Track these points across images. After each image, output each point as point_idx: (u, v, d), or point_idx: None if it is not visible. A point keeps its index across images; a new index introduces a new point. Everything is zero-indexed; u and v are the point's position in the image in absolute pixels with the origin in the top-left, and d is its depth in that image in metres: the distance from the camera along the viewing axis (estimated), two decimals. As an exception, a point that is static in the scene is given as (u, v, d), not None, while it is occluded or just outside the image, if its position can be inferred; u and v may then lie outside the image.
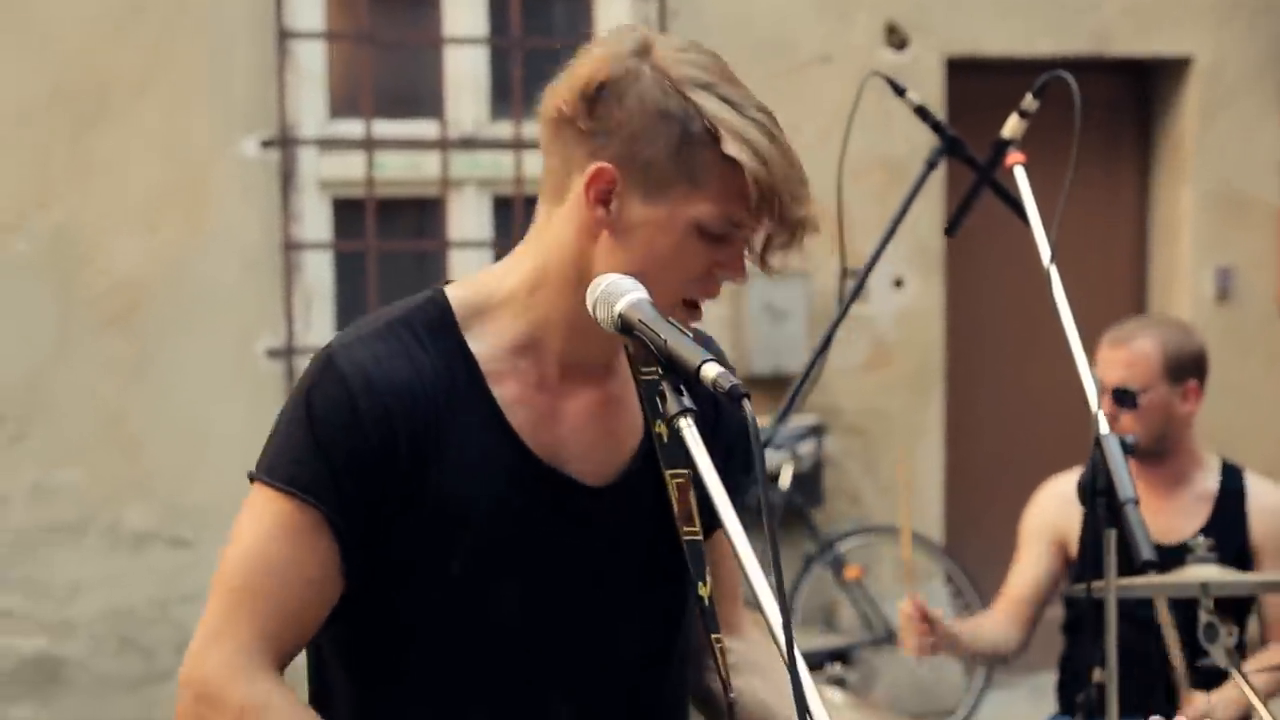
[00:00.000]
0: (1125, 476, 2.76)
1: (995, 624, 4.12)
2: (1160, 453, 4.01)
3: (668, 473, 2.00)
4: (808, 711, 1.59)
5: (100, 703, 6.31)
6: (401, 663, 1.95)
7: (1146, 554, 2.67)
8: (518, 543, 1.93)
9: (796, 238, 1.91)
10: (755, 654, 2.15)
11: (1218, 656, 2.98)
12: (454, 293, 2.00)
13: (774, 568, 1.70)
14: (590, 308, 1.87)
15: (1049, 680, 4.34)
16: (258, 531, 1.91)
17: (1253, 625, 4.05)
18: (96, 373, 6.30)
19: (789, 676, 1.66)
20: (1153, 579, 3.15)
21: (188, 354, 6.34)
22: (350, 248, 6.76)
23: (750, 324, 7.36)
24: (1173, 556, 3.35)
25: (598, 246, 1.91)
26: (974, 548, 7.55)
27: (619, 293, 1.85)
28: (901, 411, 7.66)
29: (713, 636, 1.97)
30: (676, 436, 1.82)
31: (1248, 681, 2.95)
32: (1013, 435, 7.83)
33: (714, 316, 7.35)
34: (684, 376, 1.77)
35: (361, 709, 1.99)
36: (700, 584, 1.96)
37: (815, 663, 3.91)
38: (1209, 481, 4.09)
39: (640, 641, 2.00)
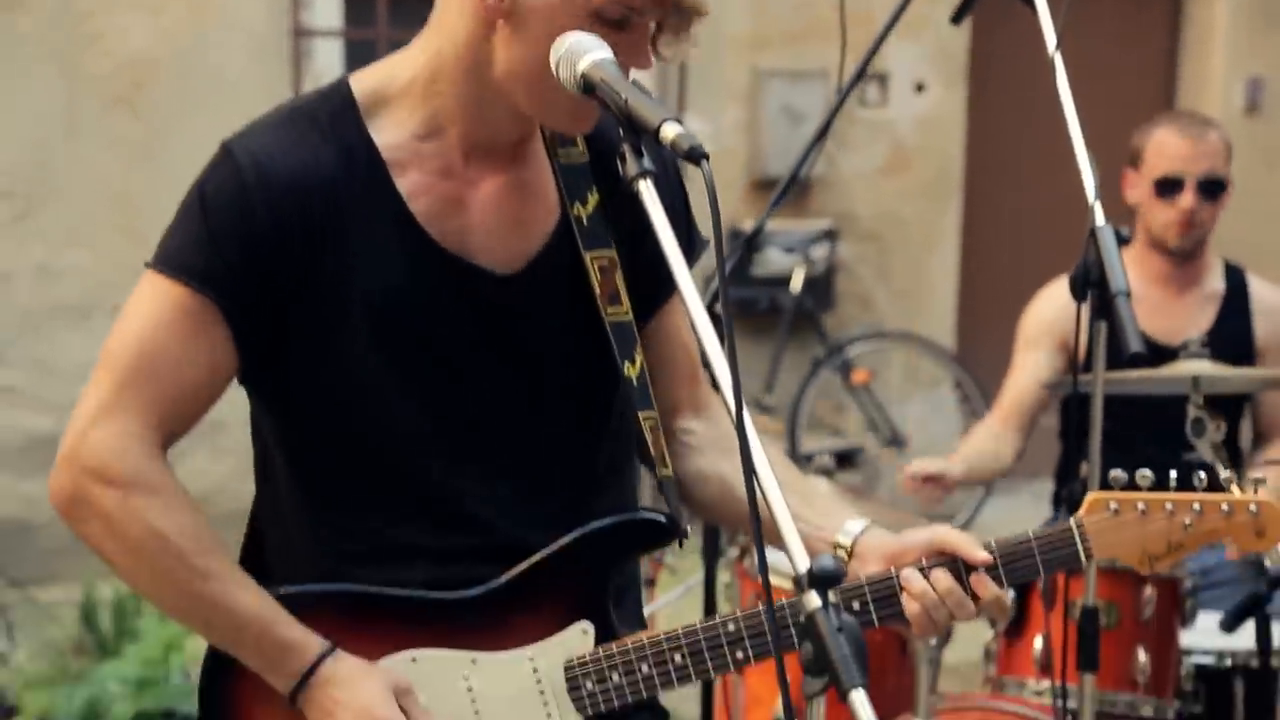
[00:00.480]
0: (1118, 268, 2.70)
1: (992, 438, 4.06)
2: (1194, 254, 3.98)
3: (588, 255, 1.96)
4: (754, 473, 1.55)
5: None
6: (325, 452, 1.94)
7: (1134, 346, 2.62)
8: (424, 331, 1.91)
9: (687, 22, 1.85)
10: (720, 436, 2.11)
11: (1203, 451, 2.96)
12: (359, 82, 1.96)
13: (727, 336, 1.64)
14: (553, 67, 1.81)
15: (1048, 487, 4.33)
16: (151, 317, 1.89)
17: (1245, 431, 4.03)
18: (103, 153, 6.25)
19: (738, 441, 1.61)
20: (1144, 373, 3.12)
21: (194, 138, 6.22)
22: (361, 36, 6.66)
23: (767, 126, 7.25)
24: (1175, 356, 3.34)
25: (497, 35, 1.87)
26: (985, 355, 7.50)
27: (581, 51, 1.79)
28: (918, 217, 7.58)
29: (641, 415, 1.95)
30: (598, 217, 1.79)
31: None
32: (1030, 244, 7.74)
33: (731, 120, 7.24)
34: (642, 137, 1.71)
35: (298, 498, 1.99)
36: (627, 363, 1.94)
37: (822, 466, 3.89)
38: (1215, 283, 4.06)
39: (562, 424, 1.97)
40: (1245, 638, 3.46)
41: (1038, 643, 3.38)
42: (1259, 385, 3.60)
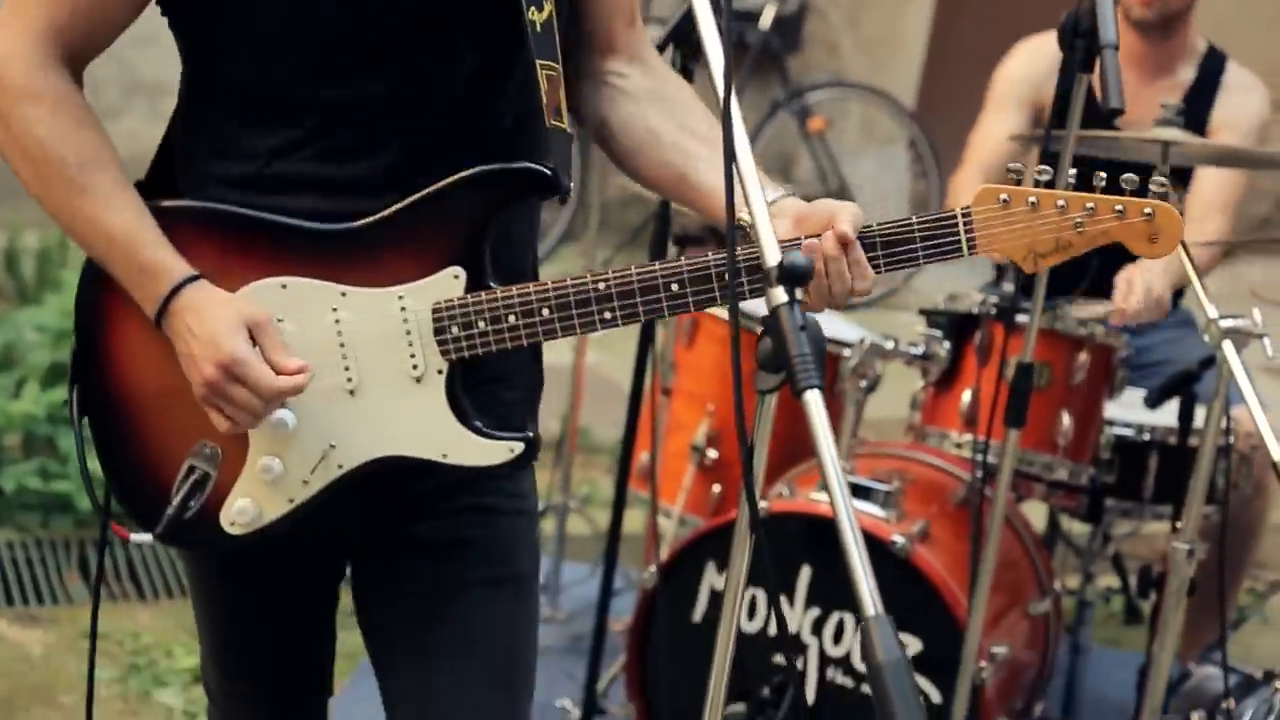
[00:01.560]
0: (1110, 19, 2.61)
1: (961, 189, 4.01)
2: (1168, 31, 3.89)
3: None
4: (734, 157, 1.49)
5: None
6: (224, 69, 1.90)
7: (1115, 102, 2.55)
8: None
9: None
10: (655, 83, 2.06)
11: (1162, 223, 2.92)
12: None
13: (726, 11, 1.55)
14: None
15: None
16: None
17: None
18: None
19: (721, 127, 1.55)
20: (1116, 133, 3.07)
21: None
22: None
23: None
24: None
25: None
26: (945, 118, 7.42)
27: None
28: (897, -31, 7.42)
29: (538, 63, 1.88)
30: None
31: (1188, 253, 2.91)
32: (1007, 11, 7.59)
33: None
34: None
35: (199, 116, 1.95)
36: (533, 9, 1.87)
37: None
38: (1187, 71, 3.98)
39: (465, 64, 1.90)
40: (1167, 415, 3.51)
41: (965, 396, 3.40)
42: (1227, 159, 3.55)
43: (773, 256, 1.45)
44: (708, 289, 1.84)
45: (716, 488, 3.67)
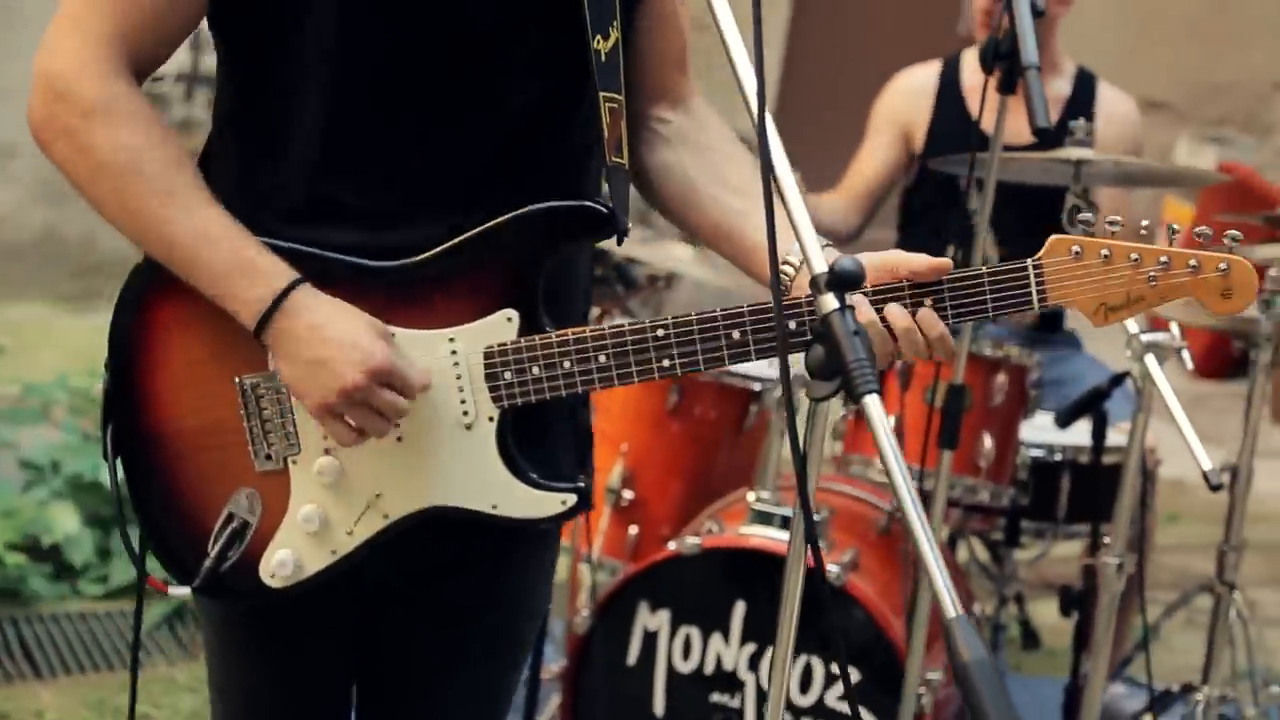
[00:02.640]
0: (1031, 40, 2.66)
1: (834, 206, 4.11)
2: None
3: None
4: (771, 170, 1.46)
5: None
6: (278, 126, 1.82)
7: (1041, 120, 2.60)
8: None
9: None
10: (696, 131, 1.98)
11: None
12: None
13: (755, 35, 1.52)
14: None
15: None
16: None
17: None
18: None
19: (760, 159, 1.50)
20: (1031, 155, 3.12)
21: None
22: None
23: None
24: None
25: None
26: (809, 138, 7.50)
27: None
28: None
29: (602, 95, 1.81)
30: None
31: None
32: (858, 51, 7.73)
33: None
34: None
35: (238, 143, 1.87)
36: (599, 36, 1.80)
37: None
38: (1061, 87, 4.10)
39: (527, 93, 1.83)
40: (1077, 435, 3.57)
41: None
42: (1138, 177, 3.63)
43: (819, 264, 1.43)
44: (771, 336, 1.76)
45: (634, 529, 3.63)
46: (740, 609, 3.21)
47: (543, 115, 1.84)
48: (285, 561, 1.83)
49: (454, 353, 1.81)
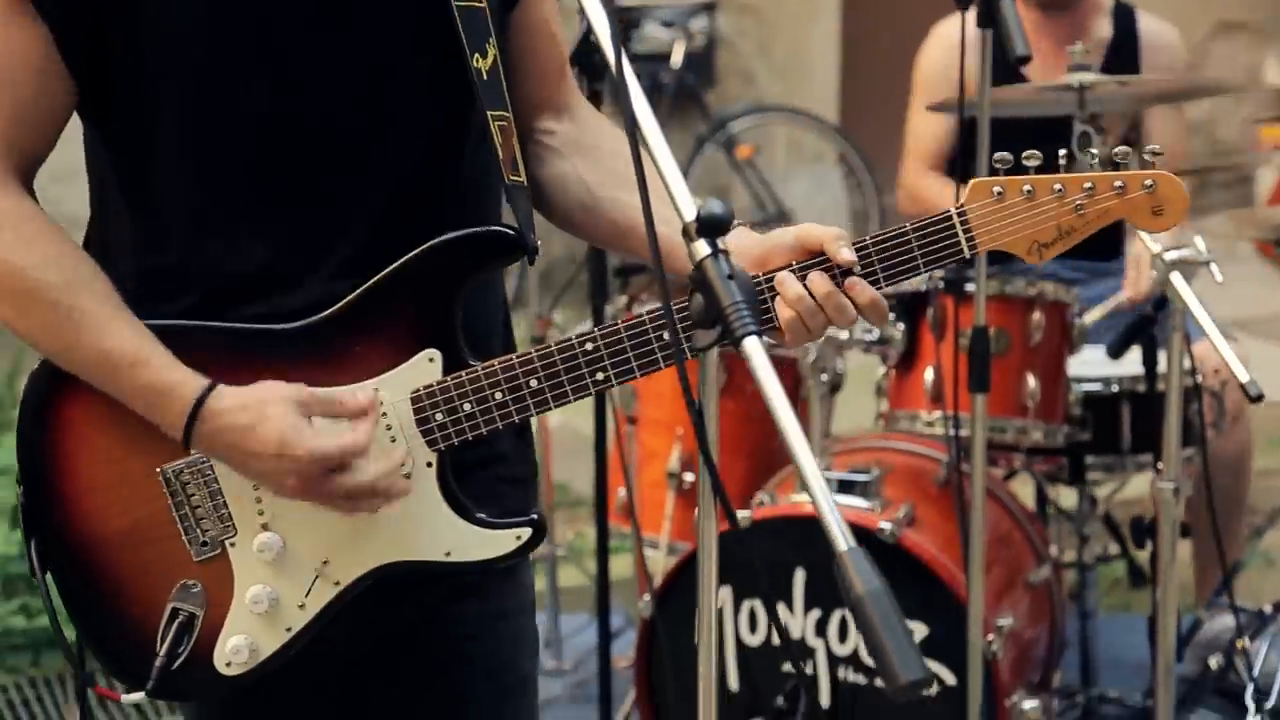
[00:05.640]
0: (1001, -31, 2.63)
1: (943, 185, 3.93)
2: (1064, 3, 3.92)
3: None
4: (639, 137, 1.44)
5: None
6: (160, 208, 1.76)
7: (1021, 49, 2.56)
8: (252, 18, 1.72)
9: None
10: (584, 136, 1.92)
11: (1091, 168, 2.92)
12: None
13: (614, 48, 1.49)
14: None
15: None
16: None
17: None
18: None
19: (629, 144, 1.47)
20: (1030, 86, 3.07)
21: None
22: None
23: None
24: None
25: None
26: (869, 127, 7.46)
27: None
28: (797, -12, 7.46)
29: (489, 114, 1.74)
30: None
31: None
32: (913, 10, 7.64)
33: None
34: None
35: (131, 234, 1.80)
36: (477, 55, 1.74)
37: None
38: (1102, 29, 4.00)
39: (416, 125, 1.77)
40: (1132, 364, 3.49)
41: (928, 374, 3.38)
42: (1146, 99, 3.56)
43: (689, 212, 1.42)
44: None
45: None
46: (800, 576, 3.20)
47: (434, 145, 1.79)
48: (240, 648, 1.76)
49: (380, 404, 1.75)
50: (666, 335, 1.72)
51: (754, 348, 1.38)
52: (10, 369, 5.21)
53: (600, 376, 1.74)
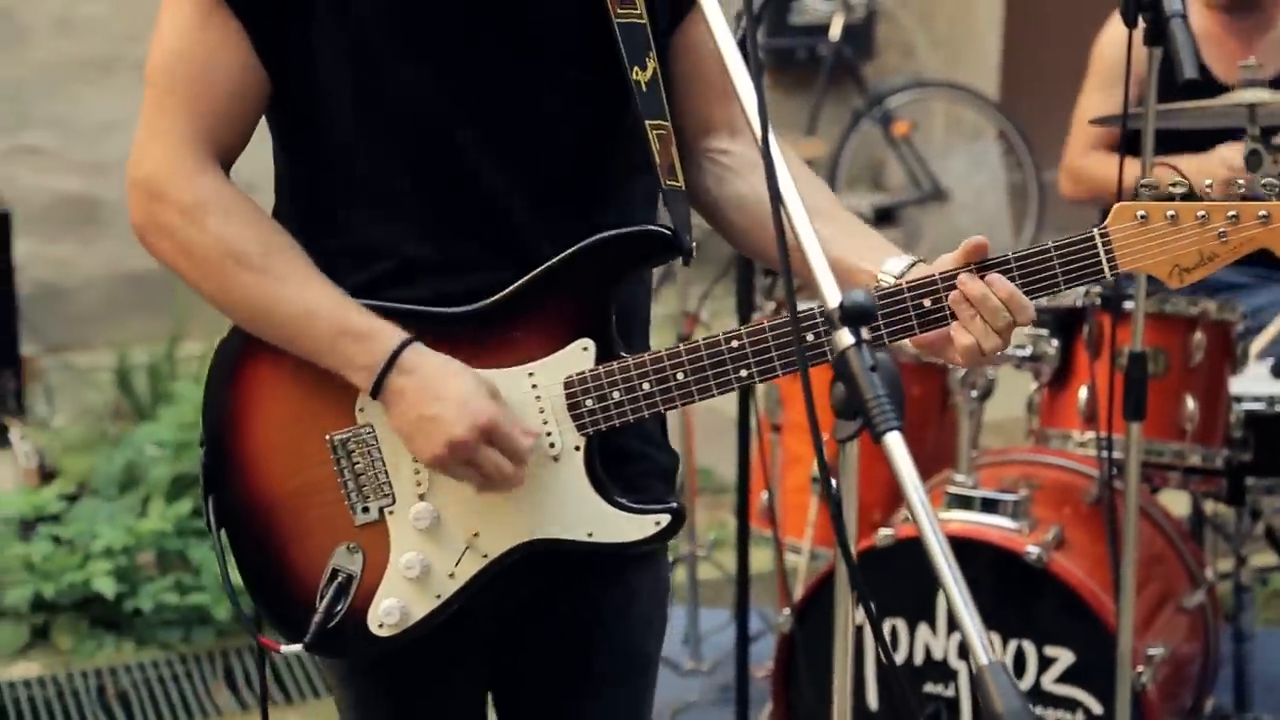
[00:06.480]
0: (1176, -16, 2.52)
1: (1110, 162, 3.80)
2: (1252, 4, 3.77)
3: None
4: (780, 199, 1.43)
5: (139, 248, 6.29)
6: (330, 155, 1.88)
7: (1189, 71, 2.46)
8: (424, 22, 1.83)
9: None
10: (758, 156, 1.92)
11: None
12: None
13: (751, 54, 1.50)
14: None
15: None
16: (176, 27, 1.87)
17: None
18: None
19: (763, 161, 1.51)
20: (1198, 103, 2.96)
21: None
22: None
23: None
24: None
25: None
26: (1031, 104, 7.29)
27: None
28: (961, -41, 7.30)
29: (648, 123, 1.84)
30: None
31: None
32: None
33: None
34: None
35: (305, 221, 1.93)
36: (636, 68, 1.83)
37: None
38: None
39: (568, 127, 1.87)
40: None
41: (1082, 393, 3.29)
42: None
43: (833, 298, 1.39)
44: None
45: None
46: (943, 597, 3.14)
47: (591, 149, 1.89)
48: (392, 610, 1.88)
49: (534, 386, 1.86)
50: (811, 336, 1.79)
51: (895, 442, 1.36)
52: (170, 339, 5.30)
53: (744, 373, 1.82)
